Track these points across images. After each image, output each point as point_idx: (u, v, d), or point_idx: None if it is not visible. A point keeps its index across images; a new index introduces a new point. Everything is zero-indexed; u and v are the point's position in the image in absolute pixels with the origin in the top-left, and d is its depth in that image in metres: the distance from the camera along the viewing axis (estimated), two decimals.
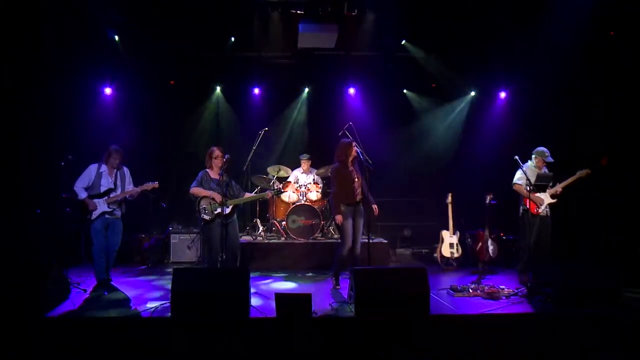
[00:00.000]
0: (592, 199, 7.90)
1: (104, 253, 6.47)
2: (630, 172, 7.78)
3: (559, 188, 6.77)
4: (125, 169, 6.73)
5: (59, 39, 7.80)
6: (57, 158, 6.66)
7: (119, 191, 6.53)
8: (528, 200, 6.66)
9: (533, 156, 6.94)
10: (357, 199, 6.29)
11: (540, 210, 6.71)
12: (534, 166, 6.91)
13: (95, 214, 6.38)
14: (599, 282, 5.40)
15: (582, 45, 7.86)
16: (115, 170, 6.58)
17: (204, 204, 6.25)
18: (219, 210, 6.22)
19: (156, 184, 6.62)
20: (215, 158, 6.37)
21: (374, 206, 6.37)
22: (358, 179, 6.33)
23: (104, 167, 6.53)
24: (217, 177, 6.40)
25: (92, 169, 6.51)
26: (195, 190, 6.32)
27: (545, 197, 6.77)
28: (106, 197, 6.44)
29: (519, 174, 6.84)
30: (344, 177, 6.30)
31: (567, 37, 7.65)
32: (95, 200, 6.39)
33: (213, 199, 6.22)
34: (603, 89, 8.15)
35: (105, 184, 6.48)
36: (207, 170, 6.39)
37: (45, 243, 7.40)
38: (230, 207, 6.29)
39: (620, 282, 5.49)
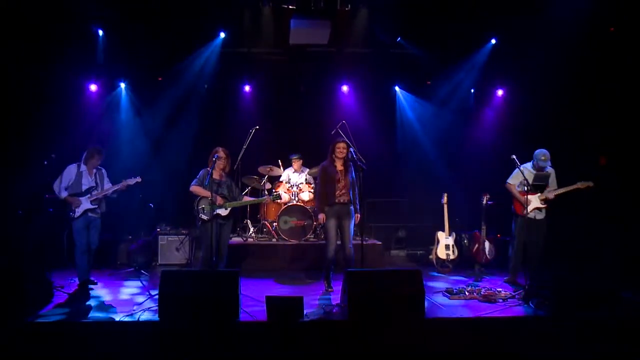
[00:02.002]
0: (591, 199, 7.94)
1: (86, 253, 6.48)
2: (630, 172, 7.82)
3: (551, 195, 6.73)
4: (103, 169, 6.76)
5: (42, 34, 7.75)
6: (40, 157, 6.61)
7: (100, 189, 6.54)
8: (515, 201, 6.82)
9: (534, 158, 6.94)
10: (340, 200, 6.31)
11: (525, 212, 6.65)
12: (532, 168, 6.91)
13: (78, 212, 6.40)
14: (597, 284, 5.44)
15: (582, 42, 7.89)
16: (94, 170, 6.61)
17: (203, 204, 6.27)
18: (217, 211, 6.27)
19: (139, 179, 6.66)
20: (219, 159, 6.37)
21: (357, 215, 6.39)
22: (343, 179, 6.33)
23: (83, 167, 6.56)
24: (218, 177, 6.42)
25: (72, 168, 6.54)
26: (196, 189, 6.35)
27: (534, 200, 6.75)
28: (88, 195, 6.45)
29: (514, 173, 6.89)
30: (326, 176, 6.38)
31: (567, 33, 7.68)
32: (79, 198, 6.40)
33: (212, 200, 6.24)
34: (602, 86, 8.19)
35: (87, 182, 6.53)
36: (209, 169, 6.38)
37: (27, 245, 7.35)
38: (229, 209, 6.34)
39: (618, 283, 5.54)
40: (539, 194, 6.76)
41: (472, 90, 10.15)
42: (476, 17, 8.21)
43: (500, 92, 10.02)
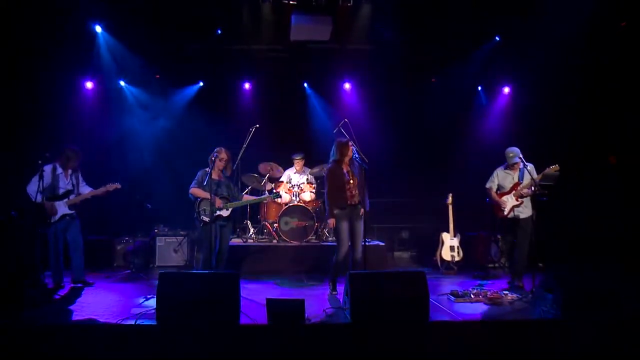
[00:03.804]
0: (595, 199, 7.95)
1: (60, 256, 6.51)
2: (634, 171, 7.82)
3: (523, 190, 6.72)
4: (79, 172, 6.76)
5: (35, 29, 7.75)
6: (34, 156, 6.61)
7: (76, 191, 6.53)
8: (494, 204, 6.89)
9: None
10: (352, 202, 6.26)
11: (505, 213, 6.76)
12: (505, 168, 6.95)
13: (54, 218, 6.40)
14: (606, 287, 5.41)
15: (590, 37, 7.88)
16: (70, 171, 6.60)
17: (204, 205, 6.28)
18: (219, 212, 6.30)
19: (118, 185, 6.65)
20: (220, 160, 6.38)
21: (362, 210, 6.34)
22: (353, 180, 6.30)
23: (60, 169, 6.56)
24: (217, 177, 6.43)
25: (47, 170, 6.46)
26: (196, 191, 6.37)
27: (510, 199, 6.78)
28: (66, 200, 6.43)
29: (490, 178, 7.04)
30: (337, 179, 6.30)
31: (571, 31, 7.68)
32: (55, 204, 6.39)
33: (212, 201, 6.25)
34: (611, 83, 8.19)
35: (63, 185, 6.52)
36: (208, 170, 6.36)
37: (21, 247, 7.35)
38: (230, 209, 6.36)
39: (627, 285, 5.52)
40: (513, 192, 6.79)
41: (479, 88, 10.14)
42: (480, 14, 8.21)
43: (506, 90, 10.02)
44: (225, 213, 6.39)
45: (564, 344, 4.71)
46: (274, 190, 7.82)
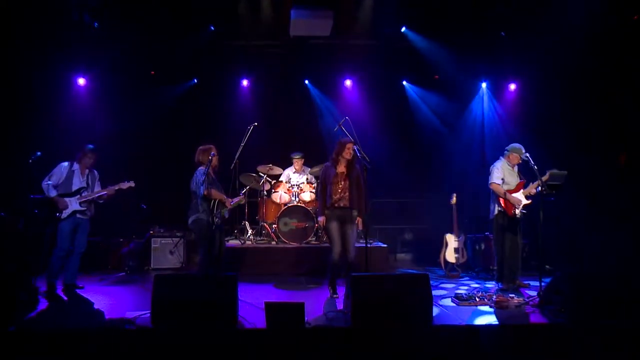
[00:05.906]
0: (600, 200, 7.93)
1: (64, 257, 6.49)
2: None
3: (532, 189, 6.69)
4: (95, 172, 6.83)
5: (25, 24, 7.74)
6: (25, 155, 6.60)
7: (90, 191, 6.58)
8: (504, 201, 6.72)
9: (506, 153, 6.92)
10: (340, 205, 6.24)
11: (517, 212, 6.69)
12: (507, 164, 6.90)
13: (66, 213, 6.42)
14: (617, 291, 5.40)
15: (600, 32, 7.87)
16: (87, 170, 6.67)
17: (219, 207, 6.26)
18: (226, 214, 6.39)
19: (132, 184, 6.70)
20: (215, 157, 6.36)
21: (358, 219, 6.32)
22: (344, 182, 6.27)
23: (76, 166, 6.63)
24: (214, 177, 6.42)
25: (63, 167, 6.58)
26: (215, 193, 6.26)
27: (522, 198, 6.74)
28: (78, 196, 6.47)
29: (496, 173, 6.83)
30: (327, 178, 6.32)
31: (584, 22, 7.66)
32: (66, 199, 6.41)
33: (223, 202, 6.27)
34: (620, 81, 8.18)
35: (77, 182, 6.57)
36: (203, 169, 6.30)
37: (11, 249, 7.35)
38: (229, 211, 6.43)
39: (637, 290, 5.50)
40: (522, 191, 6.75)
41: (484, 85, 10.13)
42: (486, 6, 8.21)
43: (512, 87, 9.99)
44: (226, 214, 6.41)
45: (571, 349, 4.71)
46: (270, 190, 7.80)
